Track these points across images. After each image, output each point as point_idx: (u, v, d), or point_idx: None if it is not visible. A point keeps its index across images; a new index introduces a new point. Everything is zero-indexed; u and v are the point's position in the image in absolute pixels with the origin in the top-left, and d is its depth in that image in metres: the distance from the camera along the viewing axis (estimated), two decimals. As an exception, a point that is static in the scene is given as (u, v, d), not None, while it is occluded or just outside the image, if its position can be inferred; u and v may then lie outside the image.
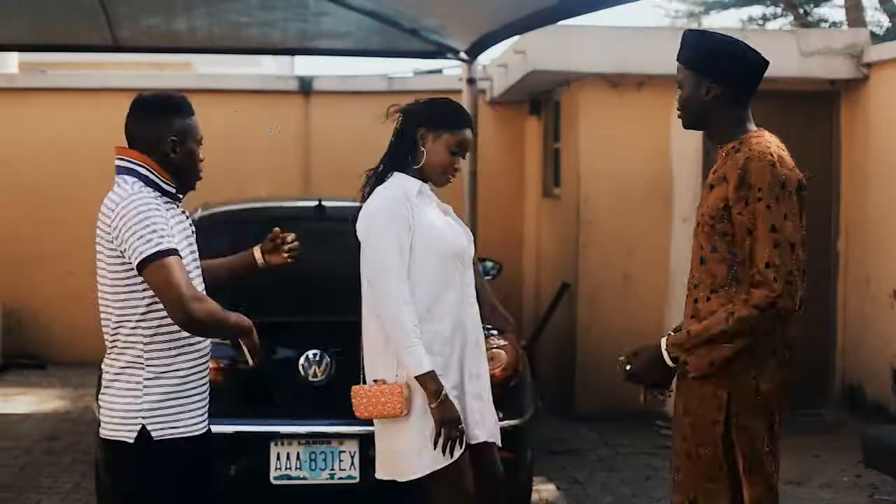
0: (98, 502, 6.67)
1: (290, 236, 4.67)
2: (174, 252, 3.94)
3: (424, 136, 4.81)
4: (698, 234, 4.14)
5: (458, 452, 4.62)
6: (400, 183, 4.79)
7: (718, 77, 4.11)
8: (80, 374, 12.11)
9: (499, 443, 4.92)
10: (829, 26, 19.44)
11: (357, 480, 6.03)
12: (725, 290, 4.01)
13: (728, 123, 4.14)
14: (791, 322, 4.05)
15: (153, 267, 3.89)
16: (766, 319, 3.92)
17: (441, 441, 4.57)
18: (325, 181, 12.74)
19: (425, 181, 4.83)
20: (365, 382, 4.77)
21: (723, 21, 22.15)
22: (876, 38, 13.52)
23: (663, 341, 4.09)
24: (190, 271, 4.05)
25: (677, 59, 4.24)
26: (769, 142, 4.06)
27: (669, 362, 4.07)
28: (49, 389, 11.68)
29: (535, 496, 7.46)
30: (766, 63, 4.16)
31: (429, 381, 4.55)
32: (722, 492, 4.05)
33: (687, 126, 4.30)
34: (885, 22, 18.57)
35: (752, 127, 4.15)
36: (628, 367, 4.19)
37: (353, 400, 4.70)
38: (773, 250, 3.89)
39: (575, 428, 9.92)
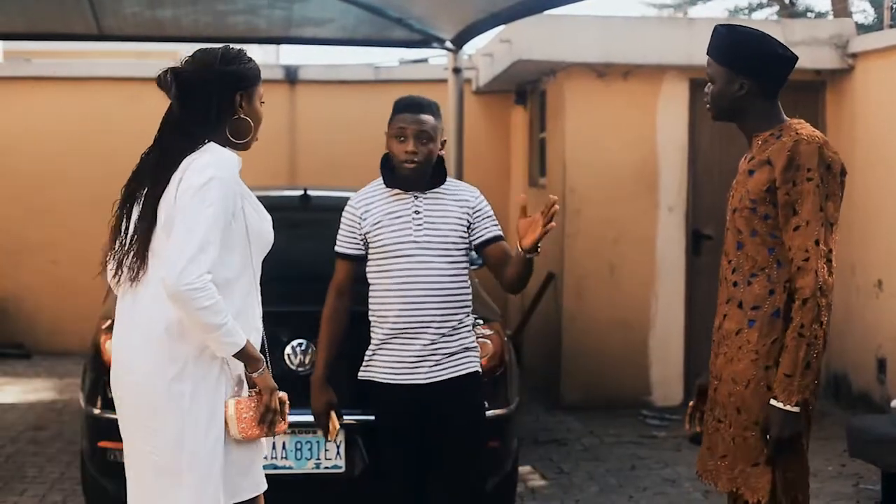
0: (83, 491, 6.67)
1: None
2: None
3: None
4: (735, 219, 4.19)
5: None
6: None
7: (751, 73, 4.14)
8: (65, 363, 12.10)
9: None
10: (815, 16, 19.46)
11: (343, 470, 6.03)
12: (766, 272, 4.09)
13: (761, 114, 4.19)
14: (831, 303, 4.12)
15: None
16: (824, 304, 3.99)
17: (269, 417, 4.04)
18: (311, 170, 12.74)
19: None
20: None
21: (709, 11, 22.20)
22: (862, 29, 13.54)
23: (773, 401, 4.03)
24: None
25: (708, 53, 4.24)
26: (813, 127, 4.15)
27: (795, 409, 4.02)
28: (34, 379, 11.65)
29: (520, 486, 7.46)
30: (796, 57, 4.22)
31: (251, 351, 3.99)
32: (765, 473, 4.10)
33: (717, 119, 4.32)
34: (871, 12, 18.60)
35: (784, 116, 4.21)
36: (772, 444, 4.07)
37: (244, 415, 3.95)
38: (820, 229, 3.99)
39: (561, 417, 9.93)
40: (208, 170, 3.88)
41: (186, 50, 4.30)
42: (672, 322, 10.41)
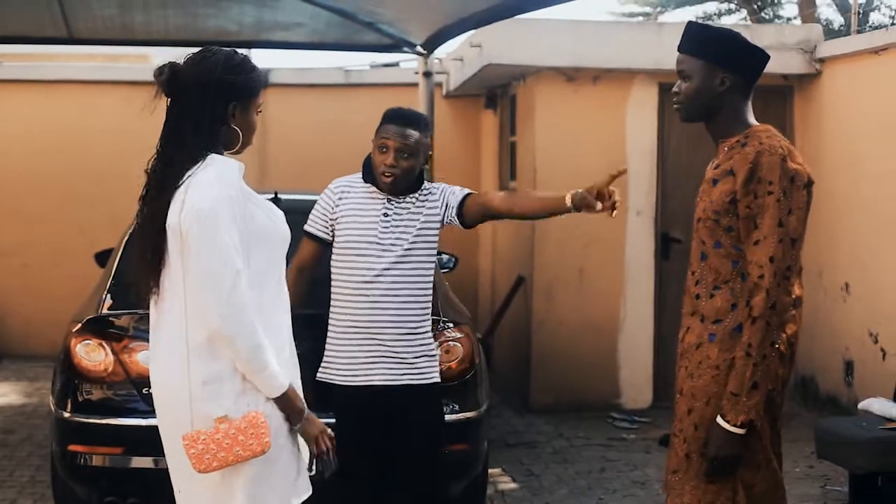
0: (54, 495, 6.66)
1: (615, 194, 4.92)
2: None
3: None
4: (699, 229, 4.07)
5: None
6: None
7: (733, 67, 4.03)
8: (35, 367, 12.06)
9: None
10: (784, 22, 19.58)
11: (313, 472, 6.04)
12: (730, 285, 3.97)
13: (734, 116, 4.07)
14: (790, 320, 3.99)
15: None
16: (776, 322, 3.88)
17: (324, 458, 4.03)
18: (282, 174, 12.72)
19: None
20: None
21: (678, 17, 22.29)
22: (829, 34, 13.63)
23: (719, 419, 3.92)
24: None
25: (680, 50, 4.11)
26: (778, 136, 4.02)
27: (739, 430, 3.90)
28: (4, 382, 11.60)
29: (490, 489, 7.49)
30: (767, 56, 4.13)
31: (293, 398, 3.85)
32: (723, 490, 4.00)
33: (688, 118, 4.17)
34: (838, 18, 18.72)
35: (754, 121, 4.10)
36: (712, 463, 3.96)
37: (190, 451, 3.70)
38: (777, 245, 3.85)
39: (530, 420, 9.96)
40: (213, 188, 3.79)
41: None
42: (641, 325, 10.46)
